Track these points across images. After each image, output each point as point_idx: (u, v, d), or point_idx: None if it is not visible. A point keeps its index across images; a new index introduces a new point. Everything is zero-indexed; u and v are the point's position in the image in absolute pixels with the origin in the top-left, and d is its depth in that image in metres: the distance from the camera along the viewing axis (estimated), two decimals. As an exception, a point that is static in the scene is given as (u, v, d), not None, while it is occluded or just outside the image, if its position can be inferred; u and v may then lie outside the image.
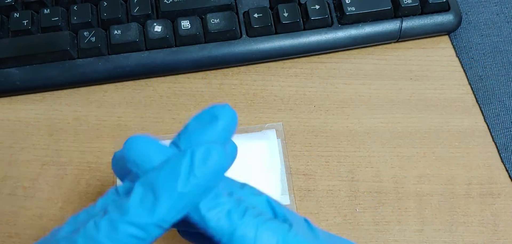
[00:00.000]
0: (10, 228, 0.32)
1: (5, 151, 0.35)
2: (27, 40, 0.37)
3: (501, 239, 0.33)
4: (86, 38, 0.37)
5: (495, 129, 0.37)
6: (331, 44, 0.39)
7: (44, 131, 0.36)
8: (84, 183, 0.34)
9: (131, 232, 0.19)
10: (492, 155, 0.36)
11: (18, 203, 0.33)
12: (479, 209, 0.34)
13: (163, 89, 0.38)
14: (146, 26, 0.37)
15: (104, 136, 0.36)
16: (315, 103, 0.38)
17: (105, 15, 0.38)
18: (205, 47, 0.38)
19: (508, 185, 0.35)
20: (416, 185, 0.35)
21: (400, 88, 0.38)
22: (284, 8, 0.38)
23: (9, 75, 0.36)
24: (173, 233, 0.31)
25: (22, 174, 0.34)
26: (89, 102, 0.37)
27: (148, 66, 0.37)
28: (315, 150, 0.36)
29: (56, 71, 0.36)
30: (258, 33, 0.38)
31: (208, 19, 0.38)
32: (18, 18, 0.37)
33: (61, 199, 0.33)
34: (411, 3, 0.39)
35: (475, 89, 0.38)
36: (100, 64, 0.37)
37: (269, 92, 0.38)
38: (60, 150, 0.35)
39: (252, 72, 0.39)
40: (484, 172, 0.35)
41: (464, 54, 0.40)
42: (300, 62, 0.40)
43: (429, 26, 0.40)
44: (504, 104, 0.38)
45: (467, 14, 0.42)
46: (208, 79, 0.38)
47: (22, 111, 0.37)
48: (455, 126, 0.37)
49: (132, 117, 0.37)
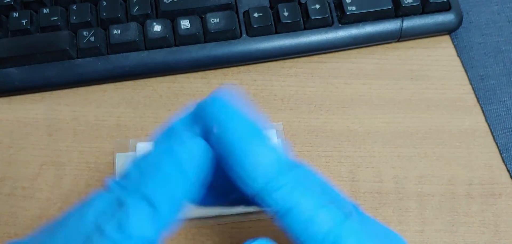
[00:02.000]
0: (9, 228, 0.32)
1: (4, 151, 0.35)
2: (26, 40, 0.36)
3: (502, 239, 0.33)
4: (85, 37, 0.37)
5: (496, 129, 0.37)
6: (332, 44, 0.39)
7: (43, 131, 0.36)
8: (83, 183, 0.34)
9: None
10: (493, 155, 0.36)
11: (17, 203, 0.33)
12: (480, 209, 0.34)
13: (162, 89, 0.38)
14: (146, 25, 0.37)
15: (103, 136, 0.36)
16: (315, 103, 0.37)
17: (104, 14, 0.37)
18: (205, 47, 0.37)
19: (509, 185, 0.35)
20: (417, 185, 0.34)
21: (401, 88, 0.38)
22: (284, 8, 0.38)
23: (8, 75, 0.36)
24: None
25: (21, 174, 0.34)
26: (88, 102, 0.37)
27: (147, 66, 0.37)
28: (315, 150, 0.35)
29: (55, 71, 0.36)
30: (258, 32, 0.38)
31: (208, 18, 0.37)
32: (17, 17, 0.37)
33: (60, 199, 0.33)
34: (412, 2, 0.39)
35: (476, 89, 0.38)
36: (99, 64, 0.37)
37: (269, 92, 0.38)
38: (59, 150, 0.35)
39: (252, 72, 0.39)
40: (485, 172, 0.35)
41: (465, 54, 0.40)
42: (300, 62, 0.39)
43: (430, 25, 0.40)
44: (506, 104, 0.38)
45: (468, 14, 0.42)
46: (208, 79, 0.38)
47: (21, 111, 0.37)
48: (456, 125, 0.37)
49: (131, 117, 0.36)
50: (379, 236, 0.22)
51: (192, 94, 0.38)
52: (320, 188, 0.21)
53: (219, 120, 0.20)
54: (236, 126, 0.20)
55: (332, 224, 0.20)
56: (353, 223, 0.20)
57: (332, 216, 0.20)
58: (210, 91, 0.38)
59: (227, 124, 0.20)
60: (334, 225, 0.20)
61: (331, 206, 0.20)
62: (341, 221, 0.20)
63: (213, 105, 0.21)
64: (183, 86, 0.38)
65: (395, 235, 0.23)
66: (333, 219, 0.20)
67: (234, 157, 0.20)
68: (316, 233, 0.20)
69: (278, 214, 0.20)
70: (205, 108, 0.21)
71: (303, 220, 0.20)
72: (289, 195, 0.20)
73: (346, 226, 0.20)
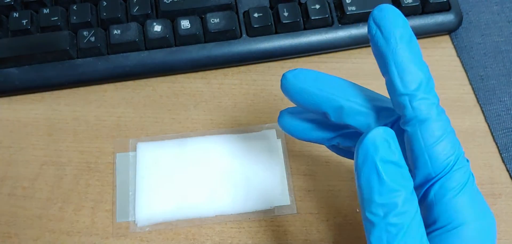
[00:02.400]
0: (9, 228, 0.32)
1: (4, 151, 0.35)
2: (27, 40, 0.36)
3: (502, 239, 0.33)
4: (85, 38, 0.37)
5: (496, 129, 0.37)
6: (332, 44, 0.39)
7: (43, 131, 0.36)
8: (83, 183, 0.34)
9: None
10: (493, 155, 0.36)
11: (17, 203, 0.33)
12: (480, 209, 0.34)
13: (162, 89, 0.38)
14: (146, 25, 0.37)
15: (103, 136, 0.36)
16: (315, 103, 0.37)
17: (104, 14, 0.37)
18: (205, 47, 0.37)
19: (509, 185, 0.35)
20: (417, 185, 0.34)
21: (401, 88, 0.38)
22: (284, 8, 0.38)
23: (8, 75, 0.36)
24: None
25: (21, 174, 0.34)
26: (88, 102, 0.37)
27: (147, 66, 0.37)
28: (315, 150, 0.35)
29: (55, 71, 0.36)
30: (258, 33, 0.38)
31: (208, 18, 0.37)
32: (17, 18, 0.37)
33: (61, 199, 0.33)
34: (411, 2, 0.39)
35: (476, 89, 0.38)
36: (99, 64, 0.37)
37: (269, 92, 0.38)
38: (60, 150, 0.35)
39: (252, 72, 0.39)
40: (485, 172, 0.35)
41: (465, 54, 0.40)
42: (300, 62, 0.39)
43: (430, 26, 0.40)
44: (505, 104, 0.38)
45: (468, 14, 0.42)
46: (208, 79, 0.38)
47: (21, 111, 0.37)
48: (456, 126, 0.36)
49: (131, 117, 0.36)
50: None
51: (192, 94, 0.38)
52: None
53: (391, 24, 0.23)
54: (403, 33, 0.23)
55: (454, 151, 0.22)
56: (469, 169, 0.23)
57: (454, 146, 0.22)
58: (210, 91, 0.38)
59: (395, 30, 0.23)
60: (457, 152, 0.22)
61: (455, 138, 0.23)
62: (462, 154, 0.23)
63: (383, 11, 0.23)
64: (183, 86, 0.38)
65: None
66: (455, 149, 0.22)
67: (394, 59, 0.23)
68: (439, 153, 0.22)
69: (415, 120, 0.22)
70: (381, 11, 0.23)
71: (434, 136, 0.22)
72: (429, 109, 0.22)
73: (465, 162, 0.23)
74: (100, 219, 0.33)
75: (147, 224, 0.32)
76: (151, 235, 0.32)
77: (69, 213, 0.33)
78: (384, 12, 0.23)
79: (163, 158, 0.34)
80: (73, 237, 0.32)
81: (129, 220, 0.32)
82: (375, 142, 0.21)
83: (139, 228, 0.32)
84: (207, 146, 0.35)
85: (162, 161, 0.34)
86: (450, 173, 0.22)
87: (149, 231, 0.32)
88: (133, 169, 0.34)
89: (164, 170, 0.34)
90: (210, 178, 0.34)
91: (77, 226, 0.32)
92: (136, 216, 0.32)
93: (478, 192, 0.23)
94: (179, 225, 0.32)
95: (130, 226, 0.32)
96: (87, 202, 0.33)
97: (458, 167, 0.22)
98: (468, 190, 0.22)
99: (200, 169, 0.34)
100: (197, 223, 0.33)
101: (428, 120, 0.22)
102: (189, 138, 0.35)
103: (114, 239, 0.32)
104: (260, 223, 0.33)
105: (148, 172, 0.34)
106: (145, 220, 0.32)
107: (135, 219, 0.32)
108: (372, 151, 0.21)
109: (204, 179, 0.34)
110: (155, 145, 0.35)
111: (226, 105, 0.37)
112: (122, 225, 0.32)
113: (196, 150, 0.35)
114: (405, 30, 0.23)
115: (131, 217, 0.32)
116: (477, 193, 0.23)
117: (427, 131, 0.22)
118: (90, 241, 0.32)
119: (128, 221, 0.32)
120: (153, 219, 0.32)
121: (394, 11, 0.23)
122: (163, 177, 0.34)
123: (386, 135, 0.21)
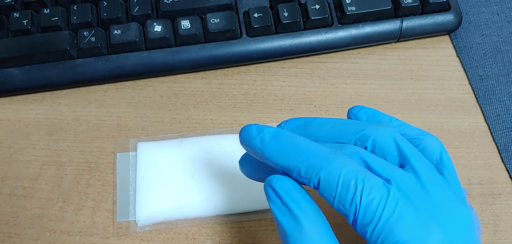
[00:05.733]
0: (10, 228, 0.32)
1: (4, 151, 0.35)
2: (27, 40, 0.36)
3: (502, 239, 0.33)
4: (86, 38, 0.37)
5: (496, 129, 0.37)
6: (332, 44, 0.39)
7: (44, 130, 0.36)
8: (84, 183, 0.34)
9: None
10: (492, 155, 0.36)
11: (18, 203, 0.33)
12: (480, 209, 0.34)
13: (163, 89, 0.38)
14: (146, 26, 0.37)
15: (104, 136, 0.36)
16: (315, 103, 0.38)
17: (105, 15, 0.37)
18: (205, 47, 0.38)
19: (508, 185, 0.35)
20: (417, 185, 0.34)
21: (401, 88, 0.38)
22: (284, 8, 0.38)
23: (8, 75, 0.36)
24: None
25: (22, 174, 0.34)
26: (89, 102, 0.37)
27: (148, 66, 0.37)
28: (315, 150, 0.36)
29: (56, 71, 0.36)
30: (258, 33, 0.38)
31: (208, 19, 0.38)
32: (18, 18, 0.37)
33: (61, 199, 0.33)
34: (411, 2, 0.39)
35: (475, 89, 0.38)
36: (100, 64, 0.37)
37: (269, 92, 0.38)
38: (60, 150, 0.35)
39: (252, 72, 0.39)
40: (485, 172, 0.35)
41: (464, 54, 0.40)
42: (300, 62, 0.39)
43: (430, 26, 0.40)
44: (505, 104, 0.38)
45: (468, 14, 0.42)
46: (208, 79, 0.38)
47: (22, 111, 0.37)
48: (455, 125, 0.37)
49: (132, 117, 0.37)
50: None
51: (192, 94, 0.38)
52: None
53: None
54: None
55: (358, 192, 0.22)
56: (404, 186, 0.23)
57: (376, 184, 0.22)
58: (210, 91, 0.38)
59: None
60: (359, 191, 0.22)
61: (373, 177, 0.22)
62: (367, 186, 0.22)
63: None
64: (183, 86, 0.38)
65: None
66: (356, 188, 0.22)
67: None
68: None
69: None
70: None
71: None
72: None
73: (392, 192, 0.22)
74: (100, 219, 0.33)
75: (148, 224, 0.32)
76: (151, 235, 0.32)
77: (69, 213, 0.33)
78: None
79: (163, 158, 0.34)
80: (73, 237, 0.32)
81: (129, 220, 0.32)
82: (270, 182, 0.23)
83: (140, 228, 0.32)
84: (207, 146, 0.35)
85: (162, 161, 0.34)
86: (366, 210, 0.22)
87: (150, 230, 0.32)
88: (133, 169, 0.34)
89: (164, 170, 0.34)
90: (210, 178, 0.34)
91: (78, 225, 0.32)
92: (136, 216, 0.32)
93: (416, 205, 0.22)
94: (179, 224, 0.33)
95: (130, 225, 0.32)
96: (87, 201, 0.33)
97: (367, 201, 0.22)
98: (395, 212, 0.21)
99: (200, 169, 0.34)
100: (197, 223, 0.33)
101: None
102: (189, 138, 0.35)
103: (114, 239, 0.32)
104: (260, 223, 0.33)
105: (149, 171, 0.34)
106: (145, 219, 0.32)
107: (135, 219, 0.32)
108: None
109: (204, 179, 0.34)
110: (155, 145, 0.35)
111: (226, 105, 0.37)
112: (122, 225, 0.32)
113: (196, 150, 0.35)
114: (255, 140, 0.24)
115: (132, 216, 0.33)
116: (413, 207, 0.22)
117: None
118: (90, 241, 0.32)
119: (129, 220, 0.32)
120: (153, 218, 0.32)
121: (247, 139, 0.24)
122: (163, 177, 0.34)
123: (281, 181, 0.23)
